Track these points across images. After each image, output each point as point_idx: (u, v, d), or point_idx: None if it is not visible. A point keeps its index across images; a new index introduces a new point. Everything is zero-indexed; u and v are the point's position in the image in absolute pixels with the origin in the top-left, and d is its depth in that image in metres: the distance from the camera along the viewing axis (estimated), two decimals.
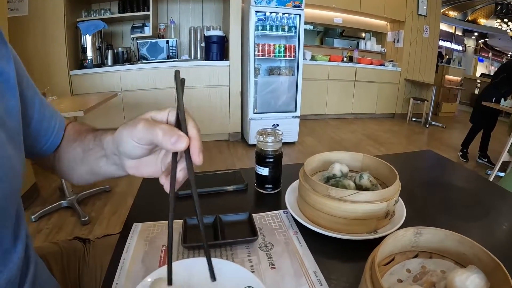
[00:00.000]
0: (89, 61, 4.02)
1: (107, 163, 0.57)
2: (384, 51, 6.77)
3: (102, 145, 0.56)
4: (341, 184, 0.72)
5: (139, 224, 0.77)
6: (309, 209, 0.73)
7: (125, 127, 0.47)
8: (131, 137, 0.46)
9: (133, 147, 0.47)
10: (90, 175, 0.64)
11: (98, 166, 0.59)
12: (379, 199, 0.67)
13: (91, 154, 0.59)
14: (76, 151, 0.63)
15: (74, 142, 0.64)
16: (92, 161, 0.59)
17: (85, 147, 0.61)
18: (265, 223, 0.77)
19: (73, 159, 0.64)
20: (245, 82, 4.39)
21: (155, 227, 0.76)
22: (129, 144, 0.46)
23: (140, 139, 0.45)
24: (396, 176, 0.72)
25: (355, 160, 0.89)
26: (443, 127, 6.01)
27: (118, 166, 0.55)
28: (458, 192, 0.99)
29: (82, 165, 0.62)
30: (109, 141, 0.53)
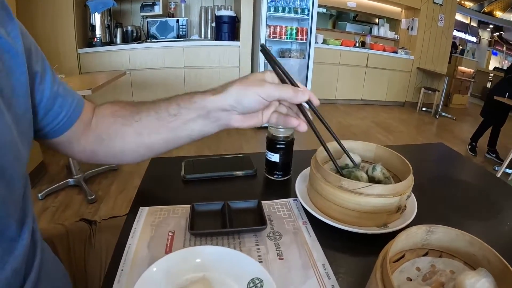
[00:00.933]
0: (98, 39, 4.00)
1: (204, 123, 0.61)
2: (397, 38, 6.65)
3: (199, 107, 0.59)
4: (353, 175, 0.70)
5: (145, 208, 0.76)
6: (320, 199, 0.71)
7: (248, 86, 0.56)
8: (260, 94, 0.55)
9: (258, 103, 0.56)
10: (166, 144, 0.65)
11: (188, 128, 0.62)
12: (392, 193, 0.65)
13: (174, 120, 0.61)
14: (143, 123, 0.63)
15: (136, 114, 0.63)
16: (175, 126, 0.61)
17: (162, 115, 0.61)
18: (274, 212, 0.75)
19: (138, 132, 0.63)
20: (255, 64, 4.35)
21: (161, 212, 0.74)
22: (256, 99, 0.56)
23: (269, 96, 0.56)
24: (410, 170, 0.70)
25: (367, 150, 0.87)
26: (453, 118, 5.94)
27: (219, 121, 0.60)
28: (469, 190, 0.96)
29: (157, 135, 0.63)
30: (219, 100, 0.58)
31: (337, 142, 0.73)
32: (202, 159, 0.99)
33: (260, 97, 0.55)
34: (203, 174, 0.90)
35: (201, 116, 0.60)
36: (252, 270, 0.52)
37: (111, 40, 4.19)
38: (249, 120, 0.61)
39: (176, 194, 0.84)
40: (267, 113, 0.62)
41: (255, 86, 0.56)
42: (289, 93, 0.56)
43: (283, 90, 0.56)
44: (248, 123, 0.61)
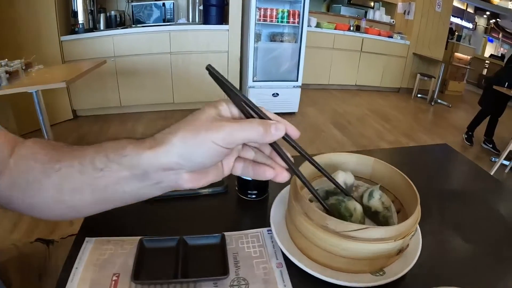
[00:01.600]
0: (81, 25, 3.78)
1: (141, 185, 0.44)
2: (393, 22, 6.45)
3: (134, 163, 0.42)
4: (344, 207, 0.55)
5: (91, 240, 0.62)
6: (299, 236, 0.56)
7: (197, 134, 0.40)
8: (218, 142, 0.39)
9: (214, 154, 0.40)
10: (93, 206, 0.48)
11: (119, 190, 0.44)
12: (394, 237, 0.50)
13: (102, 177, 0.43)
14: (64, 175, 0.45)
15: (57, 163, 0.46)
16: (103, 186, 0.44)
17: (86, 167, 0.44)
18: (242, 248, 0.60)
19: (57, 187, 0.46)
20: (244, 48, 4.18)
21: (109, 245, 0.61)
22: (212, 151, 0.40)
23: (231, 142, 0.40)
24: (417, 200, 0.55)
25: (364, 165, 0.70)
26: (448, 106, 5.81)
27: (161, 184, 0.44)
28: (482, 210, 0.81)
29: (81, 194, 0.45)
30: (159, 157, 0.41)
31: (328, 178, 0.55)
32: None
33: (217, 145, 0.39)
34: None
35: (136, 177, 0.43)
36: None
37: (95, 26, 3.98)
38: (205, 177, 0.45)
39: (129, 219, 0.69)
40: (229, 162, 0.47)
41: (208, 130, 0.39)
42: (258, 132, 0.40)
43: (249, 129, 0.40)
44: (205, 181, 0.45)
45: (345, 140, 3.82)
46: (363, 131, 4.19)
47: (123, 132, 3.64)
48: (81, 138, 3.45)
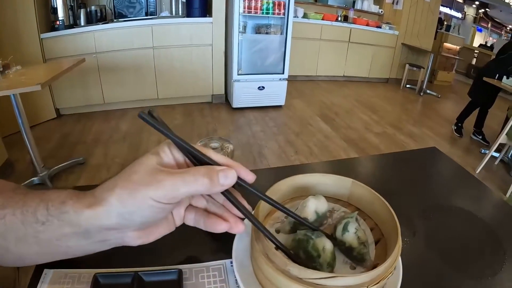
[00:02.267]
0: (61, 22, 3.65)
1: (87, 243, 0.40)
2: (381, 12, 6.39)
3: (73, 221, 0.38)
4: (312, 245, 0.47)
5: (50, 272, 0.56)
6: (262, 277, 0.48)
7: (136, 190, 0.35)
8: (158, 199, 0.35)
9: (159, 211, 0.37)
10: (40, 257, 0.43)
11: (63, 245, 0.40)
12: (367, 283, 0.42)
13: (44, 231, 0.39)
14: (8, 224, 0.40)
15: (1, 209, 0.40)
16: (47, 239, 0.39)
17: (28, 218, 0.39)
18: (203, 283, 0.52)
19: (2, 235, 0.40)
20: (229, 41, 4.09)
21: (66, 279, 0.55)
22: (153, 209, 0.36)
23: (173, 198, 0.36)
24: (397, 233, 0.47)
25: (341, 187, 0.62)
26: (437, 96, 5.79)
27: (108, 242, 0.41)
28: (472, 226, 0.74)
29: (26, 245, 0.40)
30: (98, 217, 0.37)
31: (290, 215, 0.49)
32: None
33: (158, 203, 0.35)
34: None
35: (79, 235, 0.39)
36: None
37: (75, 22, 3.85)
38: (154, 232, 0.41)
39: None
40: (179, 213, 0.43)
41: (147, 186, 0.35)
42: (203, 184, 0.36)
43: (192, 182, 0.36)
44: (154, 236, 0.42)
45: (333, 134, 3.76)
46: (350, 123, 4.14)
47: (107, 129, 3.56)
48: (64, 137, 3.38)
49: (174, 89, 4.18)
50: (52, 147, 3.14)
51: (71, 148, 3.13)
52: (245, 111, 4.20)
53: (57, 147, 3.15)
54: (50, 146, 3.14)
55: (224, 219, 0.42)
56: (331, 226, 0.56)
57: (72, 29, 3.71)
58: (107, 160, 2.94)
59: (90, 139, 3.36)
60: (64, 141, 3.28)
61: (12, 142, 2.91)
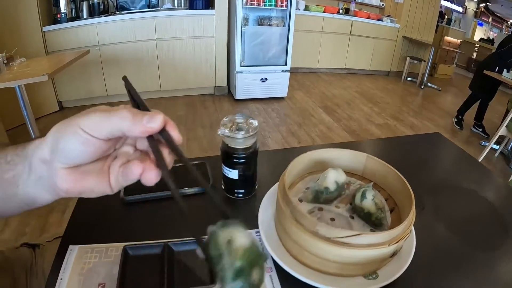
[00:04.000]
0: (63, 15, 3.63)
1: (28, 180, 0.40)
2: (383, 5, 6.39)
3: (26, 154, 0.40)
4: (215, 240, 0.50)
5: (75, 248, 0.60)
6: (289, 241, 0.52)
7: (71, 119, 0.36)
8: (83, 128, 0.35)
9: (83, 143, 0.35)
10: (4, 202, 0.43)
11: (14, 186, 0.41)
12: (388, 241, 0.47)
13: (7, 170, 0.41)
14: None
15: None
16: (5, 181, 0.41)
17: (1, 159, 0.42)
18: None
19: None
20: (232, 33, 4.10)
21: (92, 254, 0.58)
22: (77, 137, 0.35)
23: (97, 129, 0.35)
24: (411, 201, 0.51)
25: (356, 162, 0.67)
26: (438, 89, 5.80)
27: (43, 181, 0.39)
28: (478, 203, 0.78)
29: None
30: (39, 144, 0.38)
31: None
32: None
33: (84, 133, 0.35)
34: (146, 195, 0.70)
35: (26, 169, 0.40)
36: None
37: (77, 15, 3.84)
38: (83, 179, 0.38)
39: (112, 224, 0.66)
40: (114, 171, 0.39)
41: (78, 117, 0.36)
42: (127, 118, 0.35)
43: (116, 116, 0.35)
44: (83, 186, 0.38)
45: (335, 125, 3.79)
46: (352, 114, 4.16)
47: None
48: None
49: (176, 81, 4.19)
50: None
51: None
52: (247, 102, 4.23)
53: None
54: None
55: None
56: (349, 196, 0.60)
57: (74, 21, 3.70)
58: None
59: None
60: None
61: (15, 135, 2.91)
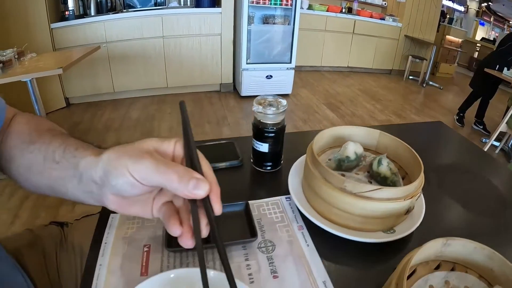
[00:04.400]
0: (71, 12, 3.70)
1: (78, 188, 0.43)
2: (385, 4, 6.46)
3: (76, 164, 0.43)
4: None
5: (116, 216, 0.65)
6: (317, 200, 0.61)
7: (122, 155, 0.38)
8: (132, 173, 0.37)
9: (131, 185, 0.37)
10: (50, 191, 0.48)
11: (63, 186, 0.45)
12: (403, 197, 0.56)
13: (56, 169, 0.45)
14: (33, 158, 0.48)
15: (33, 145, 0.48)
16: (55, 177, 0.45)
17: (48, 156, 0.46)
18: (264, 214, 0.65)
19: (28, 166, 0.49)
20: (237, 31, 4.17)
21: (134, 220, 0.64)
22: (126, 180, 0.37)
23: (144, 179, 0.37)
24: (421, 167, 0.60)
25: (370, 138, 0.76)
26: (440, 88, 5.88)
27: (93, 195, 0.43)
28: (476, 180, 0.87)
29: (42, 177, 0.47)
30: (91, 165, 0.41)
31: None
32: None
33: (131, 176, 0.37)
34: None
35: (76, 178, 0.43)
36: None
37: (85, 12, 3.91)
38: (129, 206, 0.43)
39: None
40: (158, 204, 0.43)
41: (130, 157, 0.37)
42: (173, 180, 0.36)
43: (164, 174, 0.36)
44: (128, 210, 0.43)
45: (339, 121, 3.88)
46: (355, 111, 4.25)
47: (117, 117, 3.64)
48: (76, 125, 3.45)
49: (183, 78, 4.27)
50: None
51: (83, 135, 3.14)
52: (253, 99, 4.26)
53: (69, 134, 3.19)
54: None
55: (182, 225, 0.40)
56: (366, 166, 0.69)
57: (82, 19, 3.76)
58: None
59: (101, 126, 3.42)
60: (75, 128, 3.33)
61: None
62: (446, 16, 8.54)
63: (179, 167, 0.36)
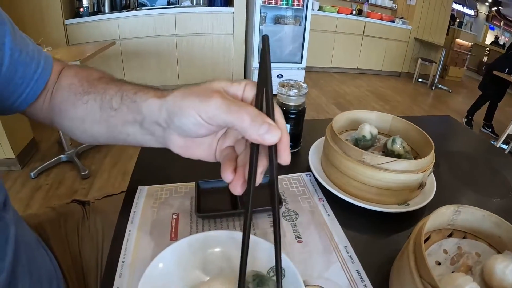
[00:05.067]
0: (85, 8, 3.79)
1: (141, 131, 0.44)
2: (395, 7, 6.48)
3: (138, 108, 0.42)
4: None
5: (144, 188, 0.68)
6: (337, 174, 0.66)
7: (188, 95, 0.36)
8: (199, 113, 0.35)
9: (197, 125, 0.36)
10: (110, 139, 0.49)
11: (124, 132, 0.45)
12: (416, 169, 0.60)
13: (115, 116, 0.45)
14: (88, 108, 0.47)
15: (86, 95, 0.48)
16: (114, 125, 0.46)
17: (104, 105, 0.46)
18: (287, 188, 0.70)
19: (82, 117, 0.49)
20: (249, 31, 4.23)
21: (162, 191, 0.68)
22: (192, 120, 0.36)
23: (212, 118, 0.35)
24: (431, 146, 0.65)
25: (383, 121, 0.82)
26: (449, 91, 5.89)
27: (157, 138, 0.43)
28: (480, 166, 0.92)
29: (99, 127, 0.48)
30: (155, 107, 0.40)
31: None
32: None
33: (198, 116, 0.35)
34: None
35: (137, 122, 0.43)
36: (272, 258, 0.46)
37: (99, 9, 3.99)
38: (192, 149, 0.42)
39: (176, 170, 0.76)
40: (221, 147, 0.43)
41: (196, 96, 0.36)
42: (244, 121, 0.34)
43: (236, 113, 0.34)
44: (191, 153, 0.42)
45: None
46: None
47: None
48: None
49: (195, 76, 4.32)
50: None
51: None
52: None
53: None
54: None
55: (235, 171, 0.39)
56: (381, 146, 0.75)
57: (96, 15, 3.83)
58: None
59: None
60: None
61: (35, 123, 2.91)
62: (456, 19, 8.54)
63: (252, 109, 0.34)
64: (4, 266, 0.47)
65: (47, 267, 0.60)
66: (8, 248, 0.49)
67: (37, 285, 0.54)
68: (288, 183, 0.72)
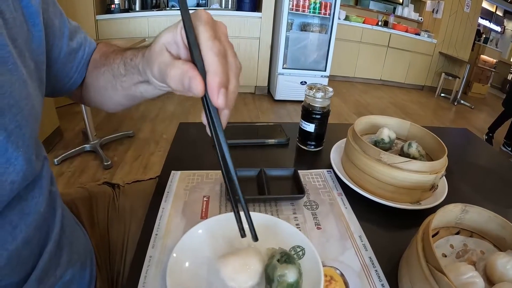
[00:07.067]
0: (116, 5, 3.94)
1: (151, 87, 0.50)
2: (421, 20, 6.47)
3: (138, 70, 0.49)
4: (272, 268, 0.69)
5: (177, 173, 0.75)
6: (356, 172, 0.72)
7: (147, 59, 0.44)
8: (152, 73, 0.43)
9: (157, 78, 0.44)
10: (128, 101, 0.60)
11: (138, 91, 0.53)
12: (429, 171, 0.66)
13: (125, 80, 0.53)
14: (105, 77, 0.57)
15: (103, 67, 0.58)
16: (127, 87, 0.54)
17: (115, 72, 0.54)
18: (309, 181, 0.77)
19: (103, 86, 0.59)
20: (276, 36, 4.29)
21: (194, 176, 0.74)
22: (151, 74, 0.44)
23: (158, 78, 0.43)
24: (444, 151, 0.71)
25: (401, 128, 0.88)
26: (471, 107, 5.82)
27: (162, 88, 0.47)
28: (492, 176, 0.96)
29: (118, 92, 0.57)
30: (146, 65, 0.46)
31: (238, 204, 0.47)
32: (233, 126, 0.99)
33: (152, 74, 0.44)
34: (234, 141, 0.91)
35: (145, 81, 0.50)
36: (293, 238, 0.53)
37: (130, 7, 4.12)
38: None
39: (207, 159, 0.84)
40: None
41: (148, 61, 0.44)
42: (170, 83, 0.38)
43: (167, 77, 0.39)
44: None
45: None
46: None
47: (153, 109, 3.77)
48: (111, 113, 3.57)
49: None
50: (100, 121, 3.29)
51: (118, 123, 3.31)
52: (286, 103, 4.40)
53: (104, 121, 3.31)
54: (98, 120, 3.29)
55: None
56: (398, 150, 0.81)
57: (127, 13, 3.96)
58: (155, 136, 3.08)
59: (137, 116, 3.52)
60: (111, 117, 3.44)
61: (61, 113, 3.04)
62: (482, 35, 8.43)
63: (175, 70, 0.37)
64: (52, 235, 0.54)
65: (82, 240, 0.66)
66: (57, 220, 0.56)
67: (76, 256, 0.60)
68: (310, 177, 0.78)
